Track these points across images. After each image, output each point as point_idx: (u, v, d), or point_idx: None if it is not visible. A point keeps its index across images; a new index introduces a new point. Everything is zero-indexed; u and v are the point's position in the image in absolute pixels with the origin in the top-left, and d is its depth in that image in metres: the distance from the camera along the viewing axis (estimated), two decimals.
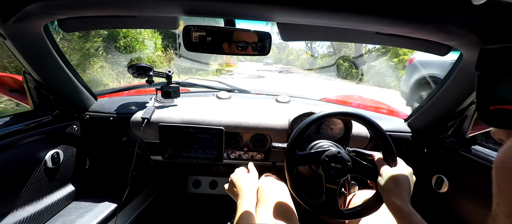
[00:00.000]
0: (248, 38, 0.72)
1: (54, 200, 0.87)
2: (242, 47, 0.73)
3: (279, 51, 46.08)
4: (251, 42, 0.72)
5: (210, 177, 1.62)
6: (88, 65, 4.78)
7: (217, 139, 0.95)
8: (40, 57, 0.76)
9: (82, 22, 0.70)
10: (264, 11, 0.57)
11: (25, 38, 0.68)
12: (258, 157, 1.06)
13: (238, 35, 0.71)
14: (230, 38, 0.71)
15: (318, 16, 0.56)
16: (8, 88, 0.89)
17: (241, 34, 0.71)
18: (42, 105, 0.87)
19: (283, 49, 44.99)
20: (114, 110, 1.00)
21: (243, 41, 0.72)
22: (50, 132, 0.84)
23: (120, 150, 1.14)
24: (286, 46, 43.77)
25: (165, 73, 1.02)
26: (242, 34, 0.71)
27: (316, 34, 0.72)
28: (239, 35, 0.71)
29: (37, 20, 0.63)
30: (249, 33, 0.71)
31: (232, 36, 0.71)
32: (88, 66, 4.77)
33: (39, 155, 0.81)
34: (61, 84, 0.86)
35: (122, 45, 5.90)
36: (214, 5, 0.55)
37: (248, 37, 0.72)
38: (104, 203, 0.95)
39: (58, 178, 0.89)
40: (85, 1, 0.56)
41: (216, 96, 1.21)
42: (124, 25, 0.76)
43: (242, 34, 0.71)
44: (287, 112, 1.03)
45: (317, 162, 0.68)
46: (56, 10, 0.60)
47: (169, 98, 1.04)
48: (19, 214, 0.76)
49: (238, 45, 0.72)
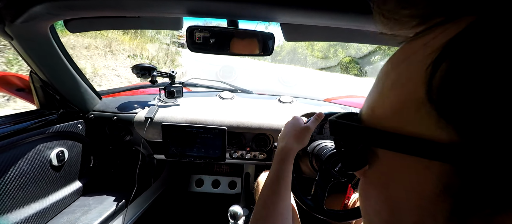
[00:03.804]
0: (251, 38, 0.72)
1: (59, 197, 0.89)
2: (246, 47, 0.73)
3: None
4: (254, 42, 0.72)
5: (213, 176, 1.62)
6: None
7: (219, 139, 0.96)
8: (46, 57, 0.77)
9: (88, 22, 0.71)
10: (268, 12, 0.57)
11: (31, 39, 0.69)
12: (260, 156, 1.07)
13: (242, 35, 0.71)
14: (233, 38, 0.71)
15: (322, 16, 0.56)
16: (15, 87, 0.91)
17: (244, 34, 0.71)
18: (48, 104, 0.89)
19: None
20: (118, 110, 1.01)
21: (246, 42, 0.72)
22: (55, 131, 0.85)
23: (124, 149, 1.15)
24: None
25: (169, 73, 1.03)
26: (245, 35, 0.71)
27: (320, 35, 0.71)
28: (243, 35, 0.71)
29: (43, 21, 0.64)
30: (252, 33, 0.71)
31: (235, 36, 0.71)
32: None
33: (44, 153, 0.82)
34: (66, 83, 0.88)
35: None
36: (217, 6, 0.55)
37: (252, 37, 0.72)
38: (109, 202, 0.96)
39: (63, 176, 0.91)
40: (90, 2, 0.56)
41: (219, 96, 1.21)
42: (128, 26, 0.76)
43: (245, 35, 0.71)
44: (290, 112, 1.03)
45: (320, 162, 0.68)
46: (62, 11, 0.60)
47: (172, 98, 1.05)
48: (25, 211, 0.77)
49: (241, 46, 0.72)
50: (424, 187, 0.16)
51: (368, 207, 0.22)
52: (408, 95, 0.16)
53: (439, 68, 0.14)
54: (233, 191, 1.58)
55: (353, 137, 0.21)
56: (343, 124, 0.21)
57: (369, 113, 0.20)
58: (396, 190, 0.18)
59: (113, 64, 5.15)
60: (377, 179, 0.20)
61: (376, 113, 0.19)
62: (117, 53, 5.57)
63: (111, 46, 5.51)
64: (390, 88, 0.18)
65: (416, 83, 0.16)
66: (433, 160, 0.14)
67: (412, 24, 0.17)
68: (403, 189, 0.17)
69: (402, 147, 0.16)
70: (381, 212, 0.20)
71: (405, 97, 0.17)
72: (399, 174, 0.18)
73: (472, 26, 0.14)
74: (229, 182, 1.61)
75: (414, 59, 0.17)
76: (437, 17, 0.16)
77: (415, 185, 0.16)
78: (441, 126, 0.14)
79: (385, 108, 0.18)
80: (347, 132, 0.21)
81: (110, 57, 5.31)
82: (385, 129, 0.18)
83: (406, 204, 0.17)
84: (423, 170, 0.16)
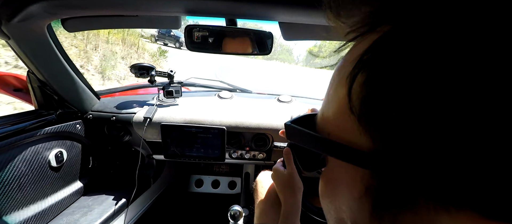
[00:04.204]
0: (250, 37, 0.72)
1: (58, 199, 0.88)
2: (244, 46, 0.73)
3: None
4: (253, 41, 0.72)
5: (213, 176, 1.62)
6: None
7: (219, 139, 0.95)
8: (44, 57, 0.76)
9: (85, 21, 0.70)
10: (266, 11, 0.57)
11: (28, 38, 0.69)
12: (260, 156, 1.06)
13: (240, 34, 0.71)
14: (231, 37, 0.71)
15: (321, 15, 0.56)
16: (13, 87, 0.90)
17: (243, 33, 0.70)
18: (46, 105, 0.88)
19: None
20: (117, 110, 1.01)
21: (244, 41, 0.72)
22: (54, 131, 0.85)
23: (123, 149, 1.15)
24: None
25: (167, 72, 1.03)
26: (243, 34, 0.71)
27: (318, 34, 0.71)
28: (241, 34, 0.71)
29: (40, 20, 0.64)
30: (251, 32, 0.70)
31: (234, 35, 0.70)
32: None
33: (43, 154, 0.82)
34: (64, 83, 0.87)
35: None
36: (216, 5, 0.55)
37: (250, 36, 0.71)
38: (108, 202, 0.96)
39: (62, 177, 0.90)
40: (88, 1, 0.56)
41: (218, 96, 1.21)
42: (126, 25, 0.76)
43: (244, 34, 0.71)
44: (289, 111, 1.03)
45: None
46: (59, 10, 0.60)
47: (171, 97, 1.04)
48: (23, 213, 0.77)
49: (239, 45, 0.72)
50: (355, 188, 0.17)
51: (324, 205, 0.23)
52: (341, 104, 0.17)
53: (356, 79, 0.15)
54: (233, 191, 1.58)
55: (302, 142, 0.22)
56: (295, 129, 0.22)
57: (320, 117, 0.21)
58: (338, 191, 0.20)
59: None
60: (326, 179, 0.22)
61: (324, 117, 0.20)
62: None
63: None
64: (332, 95, 0.19)
65: (344, 92, 0.16)
66: (356, 166, 0.16)
67: (345, 31, 0.18)
68: (342, 189, 0.19)
69: (338, 154, 0.17)
70: (330, 211, 0.22)
71: (339, 105, 0.17)
72: (339, 176, 0.19)
73: (384, 36, 0.14)
74: (229, 182, 1.61)
75: (342, 68, 0.18)
76: (360, 26, 0.16)
77: (349, 186, 0.18)
78: (361, 134, 0.15)
79: (329, 114, 0.19)
80: (296, 136, 0.23)
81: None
82: (328, 134, 0.19)
83: (344, 204, 0.19)
84: (353, 174, 0.17)
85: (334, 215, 0.21)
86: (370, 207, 0.16)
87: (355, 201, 0.17)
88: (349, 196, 0.18)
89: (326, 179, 0.22)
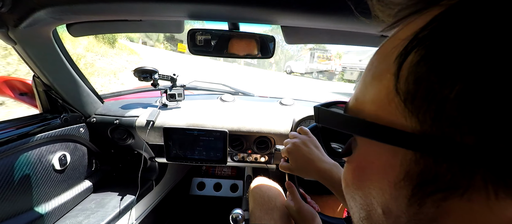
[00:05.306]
0: (252, 41, 0.72)
1: (61, 202, 0.89)
2: (246, 50, 0.73)
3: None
4: (255, 45, 0.73)
5: (215, 179, 1.62)
6: None
7: (221, 142, 0.96)
8: (49, 61, 0.77)
9: (90, 26, 0.71)
10: (268, 15, 0.57)
11: (34, 43, 0.70)
12: (261, 159, 1.06)
13: (242, 38, 0.71)
14: (234, 41, 0.71)
15: (323, 19, 0.56)
16: (18, 91, 0.91)
17: (245, 37, 0.71)
18: (51, 108, 0.89)
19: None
20: (120, 113, 1.01)
21: (247, 44, 0.72)
22: (58, 134, 0.86)
23: (126, 152, 1.15)
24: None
25: (170, 76, 1.03)
26: (246, 37, 0.71)
27: (320, 37, 0.71)
28: (243, 38, 0.71)
29: (46, 25, 0.65)
30: (253, 36, 0.71)
31: (236, 39, 0.71)
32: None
33: (47, 157, 0.82)
34: (69, 87, 0.88)
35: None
36: (218, 9, 0.55)
37: (252, 40, 0.72)
38: (111, 205, 0.96)
39: (65, 180, 0.91)
40: (92, 7, 0.57)
41: (220, 99, 1.21)
42: (130, 29, 0.77)
43: (246, 37, 0.71)
44: (291, 115, 1.03)
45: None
46: (65, 16, 0.61)
47: (174, 100, 1.05)
48: (26, 216, 0.77)
49: (242, 48, 0.72)
50: (391, 173, 0.16)
51: (347, 192, 0.23)
52: (383, 86, 0.17)
53: (406, 60, 0.15)
54: (234, 194, 1.57)
55: (334, 124, 0.22)
56: (326, 112, 0.22)
57: (353, 102, 0.21)
58: (369, 176, 0.19)
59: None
60: (356, 165, 0.21)
61: (359, 102, 0.20)
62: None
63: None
64: (371, 79, 0.19)
65: (389, 74, 0.16)
66: (399, 147, 0.15)
67: (394, 11, 0.18)
68: (374, 175, 0.18)
69: (375, 135, 0.17)
70: (355, 198, 0.21)
71: (381, 88, 0.17)
72: (372, 161, 0.19)
73: (437, 18, 0.14)
74: (231, 185, 1.60)
75: (388, 51, 0.17)
76: (417, 2, 0.16)
77: (383, 171, 0.17)
78: (406, 116, 0.15)
79: (366, 97, 0.19)
80: (327, 119, 0.22)
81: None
82: (363, 118, 0.18)
83: (376, 189, 0.18)
84: (391, 157, 0.16)
85: (360, 202, 0.20)
86: (409, 192, 0.15)
87: (390, 187, 0.17)
88: (384, 181, 0.17)
89: (354, 166, 0.21)
